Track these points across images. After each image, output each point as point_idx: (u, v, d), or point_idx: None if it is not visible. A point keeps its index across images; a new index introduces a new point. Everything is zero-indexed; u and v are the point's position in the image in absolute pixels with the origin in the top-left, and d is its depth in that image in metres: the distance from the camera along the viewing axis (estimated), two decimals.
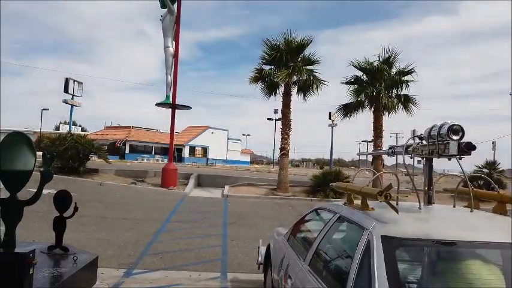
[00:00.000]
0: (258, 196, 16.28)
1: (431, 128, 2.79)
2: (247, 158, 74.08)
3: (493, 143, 43.49)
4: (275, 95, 19.02)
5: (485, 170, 19.20)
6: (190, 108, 20.41)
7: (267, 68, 18.60)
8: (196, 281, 5.31)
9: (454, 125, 2.59)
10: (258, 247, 4.96)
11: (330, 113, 25.46)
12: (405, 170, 2.99)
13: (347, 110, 19.44)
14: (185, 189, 17.02)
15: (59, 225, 4.58)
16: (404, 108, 18.69)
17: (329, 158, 30.40)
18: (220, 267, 6.02)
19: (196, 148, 61.27)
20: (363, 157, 57.20)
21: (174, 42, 18.74)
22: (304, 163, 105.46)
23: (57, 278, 3.69)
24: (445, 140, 2.62)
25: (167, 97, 18.83)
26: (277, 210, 12.98)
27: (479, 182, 13.39)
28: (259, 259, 4.79)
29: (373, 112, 18.77)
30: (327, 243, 3.06)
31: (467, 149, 2.55)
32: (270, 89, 18.83)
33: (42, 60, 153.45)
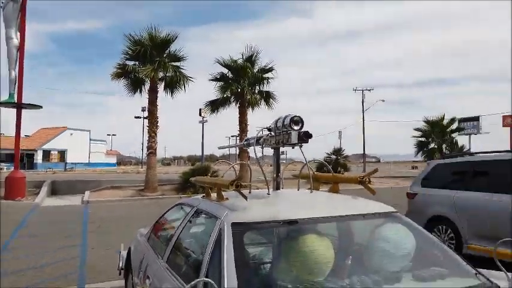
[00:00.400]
0: (124, 199, 15.43)
1: (277, 120, 3.02)
2: (114, 160, 69.45)
3: (339, 132, 49.82)
4: (140, 92, 18.32)
5: (333, 156, 22.10)
6: (41, 107, 18.06)
7: (130, 63, 17.78)
8: None
9: (295, 116, 2.85)
10: (120, 252, 4.67)
11: (200, 109, 25.69)
12: (258, 163, 3.20)
13: (214, 106, 19.92)
14: (36, 199, 15.01)
15: None
16: (266, 104, 20.06)
17: (201, 154, 30.58)
18: (78, 280, 5.48)
19: (52, 152, 54.72)
20: (233, 152, 59.33)
21: (19, 33, 16.29)
22: (176, 161, 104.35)
23: None
24: (288, 130, 2.86)
25: (11, 95, 16.29)
26: (145, 212, 12.47)
27: (329, 166, 15.20)
28: (120, 264, 4.52)
29: (239, 108, 19.65)
30: (185, 238, 3.06)
31: (305, 137, 2.84)
32: (135, 85, 18.06)
33: None
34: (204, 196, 3.26)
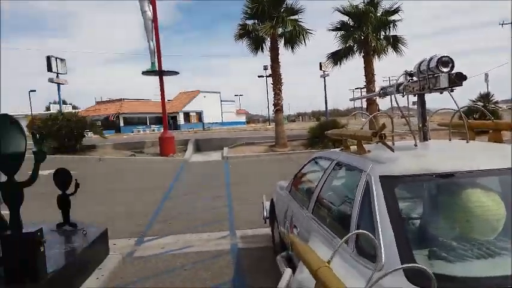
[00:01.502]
0: (258, 154, 16.42)
1: (421, 62, 2.72)
2: (243, 118, 73.88)
3: (486, 74, 43.13)
4: (262, 50, 18.69)
5: (480, 103, 19.24)
6: (178, 73, 20.02)
7: (250, 22, 18.14)
8: (206, 241, 5.47)
9: (443, 56, 2.52)
10: (262, 202, 5.06)
11: (320, 63, 25.04)
12: (401, 112, 2.97)
13: (336, 57, 19.17)
14: (184, 155, 17.12)
15: (64, 203, 4.65)
16: (394, 50, 18.47)
17: (324, 109, 30.26)
18: (229, 226, 6.17)
19: (191, 114, 60.90)
20: (359, 105, 57.01)
21: (151, 6, 18.01)
22: (300, 117, 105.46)
23: (69, 253, 3.79)
24: (436, 73, 2.56)
25: (152, 64, 18.38)
26: (278, 166, 13.15)
27: (474, 115, 13.45)
28: (265, 214, 4.90)
29: (363, 57, 18.56)
30: (328, 190, 3.11)
31: (458, 79, 2.51)
32: (256, 44, 18.46)
33: (21, 40, 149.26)
34: (342, 149, 3.23)
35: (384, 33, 18.55)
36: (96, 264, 4.25)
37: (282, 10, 17.41)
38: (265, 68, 44.49)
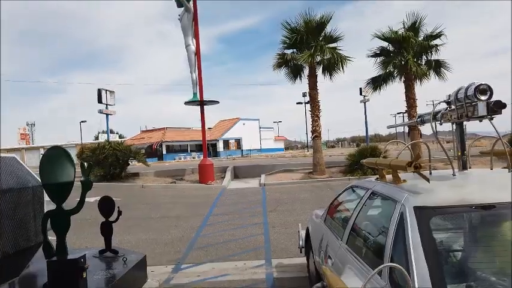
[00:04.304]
0: (295, 181, 16.30)
1: (458, 90, 2.71)
2: (282, 145, 74.03)
3: None
4: (300, 78, 18.90)
5: None
6: (218, 102, 20.55)
7: (289, 52, 18.44)
8: (242, 270, 5.45)
9: (481, 84, 2.49)
10: (298, 231, 5.01)
11: (360, 88, 24.86)
12: (447, 138, 2.91)
13: (376, 83, 18.97)
14: (223, 182, 17.31)
15: (106, 230, 4.85)
16: (436, 74, 18.03)
17: (365, 134, 29.73)
18: (265, 255, 6.13)
19: (230, 141, 61.92)
20: (400, 130, 55.53)
21: (194, 40, 18.86)
22: (340, 143, 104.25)
23: (109, 280, 3.92)
24: (473, 101, 2.53)
25: (194, 94, 19.04)
26: (316, 193, 12.97)
27: None
28: (300, 243, 4.85)
29: (404, 82, 18.24)
30: (362, 220, 3.06)
31: (497, 108, 2.45)
32: (295, 72, 18.71)
33: (76, 74, 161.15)
34: (378, 178, 3.19)
35: (425, 58, 18.22)
36: None
37: (321, 38, 17.61)
38: (304, 95, 44.75)
